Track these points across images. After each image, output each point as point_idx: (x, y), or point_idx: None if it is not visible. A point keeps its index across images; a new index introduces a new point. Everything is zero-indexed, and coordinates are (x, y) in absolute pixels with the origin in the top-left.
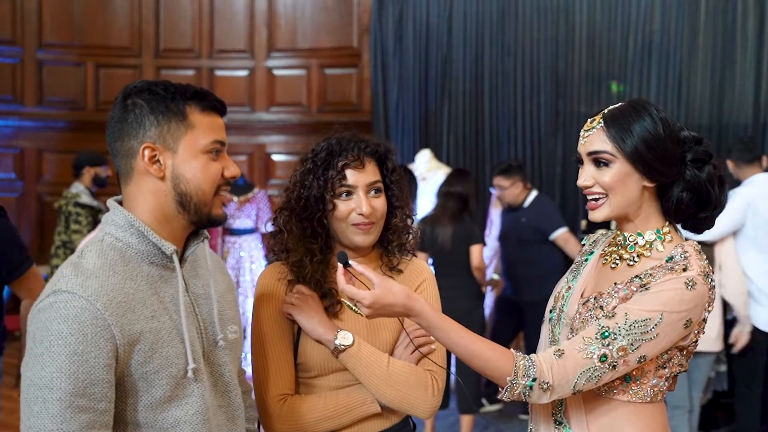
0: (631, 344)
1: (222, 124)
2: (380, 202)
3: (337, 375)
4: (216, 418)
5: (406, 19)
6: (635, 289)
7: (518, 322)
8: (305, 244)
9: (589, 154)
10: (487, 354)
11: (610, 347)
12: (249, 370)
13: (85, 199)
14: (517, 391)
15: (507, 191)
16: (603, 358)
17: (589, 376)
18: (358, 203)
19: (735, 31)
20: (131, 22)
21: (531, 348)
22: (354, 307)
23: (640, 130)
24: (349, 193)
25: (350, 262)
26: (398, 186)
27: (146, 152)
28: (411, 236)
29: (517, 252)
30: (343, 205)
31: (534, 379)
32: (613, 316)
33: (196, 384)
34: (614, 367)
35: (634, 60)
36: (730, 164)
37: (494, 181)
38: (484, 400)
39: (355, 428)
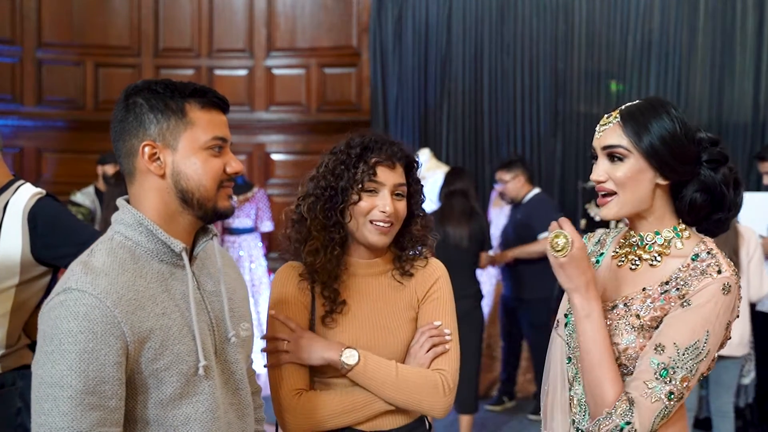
0: (690, 371)
1: (224, 120)
2: (402, 206)
3: None
4: (227, 415)
5: (405, 18)
6: (674, 302)
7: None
8: (328, 233)
9: (604, 148)
10: (606, 374)
11: (673, 382)
12: (258, 369)
13: (79, 197)
14: (607, 427)
15: (509, 185)
16: (670, 395)
17: (663, 415)
18: (382, 201)
19: (734, 30)
20: (130, 22)
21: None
22: (553, 247)
23: (657, 127)
24: (375, 191)
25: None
26: (419, 195)
27: (146, 150)
28: (428, 244)
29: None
30: (366, 200)
31: (628, 423)
32: (663, 350)
33: (207, 381)
34: (681, 397)
35: (633, 59)
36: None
37: (497, 176)
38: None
39: (371, 426)
